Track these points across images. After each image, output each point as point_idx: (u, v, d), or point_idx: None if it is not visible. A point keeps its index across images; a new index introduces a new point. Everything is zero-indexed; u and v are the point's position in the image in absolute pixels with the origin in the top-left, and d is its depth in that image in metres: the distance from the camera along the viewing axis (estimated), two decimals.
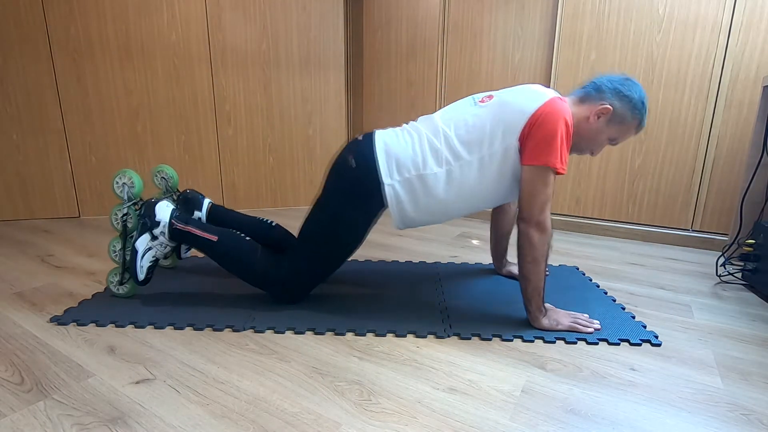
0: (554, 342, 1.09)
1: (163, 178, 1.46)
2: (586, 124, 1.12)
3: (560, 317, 1.15)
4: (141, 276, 1.22)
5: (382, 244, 1.89)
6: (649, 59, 1.89)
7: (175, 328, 1.12)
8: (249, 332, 1.11)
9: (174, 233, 1.23)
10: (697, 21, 1.78)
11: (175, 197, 1.46)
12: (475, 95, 1.19)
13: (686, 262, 1.73)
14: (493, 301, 1.31)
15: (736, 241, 1.57)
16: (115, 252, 1.28)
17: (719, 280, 1.55)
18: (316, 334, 1.11)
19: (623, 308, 1.28)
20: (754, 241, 1.45)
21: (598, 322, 1.16)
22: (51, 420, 0.79)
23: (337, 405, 0.85)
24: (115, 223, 1.27)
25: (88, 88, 2.10)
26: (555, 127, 1.03)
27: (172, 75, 2.20)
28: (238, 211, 1.62)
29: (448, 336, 1.11)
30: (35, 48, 1.99)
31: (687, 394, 0.90)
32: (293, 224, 1.90)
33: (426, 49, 2.44)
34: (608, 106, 1.09)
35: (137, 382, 0.90)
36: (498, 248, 1.51)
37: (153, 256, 1.24)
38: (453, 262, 1.67)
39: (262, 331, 1.11)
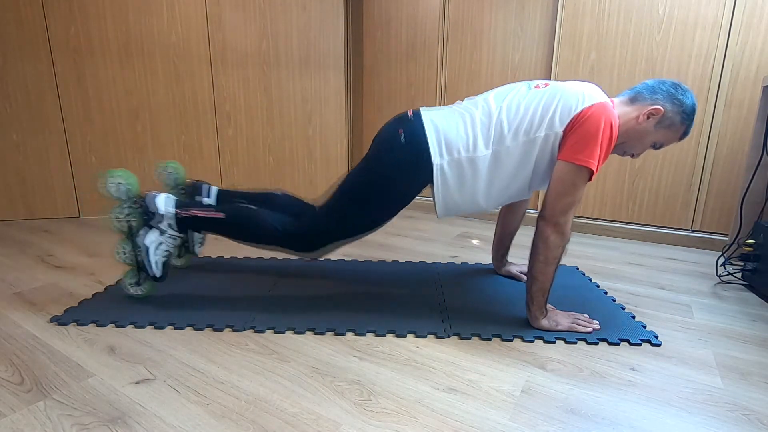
0: (554, 342, 1.09)
1: (169, 173, 1.45)
2: (635, 123, 1.10)
3: (560, 318, 1.15)
4: (158, 273, 1.23)
5: (382, 244, 1.89)
6: (649, 59, 1.89)
7: (175, 328, 1.12)
8: (249, 332, 1.11)
9: (180, 222, 1.22)
10: (697, 21, 1.78)
11: (182, 190, 1.45)
12: (530, 81, 1.18)
13: (686, 262, 1.73)
14: (493, 301, 1.31)
15: (736, 241, 1.57)
16: (125, 254, 1.25)
17: (719, 280, 1.55)
18: (316, 334, 1.11)
19: (623, 308, 1.28)
20: (754, 241, 1.45)
21: (597, 322, 1.16)
22: (51, 420, 0.79)
23: (337, 405, 0.85)
24: (117, 225, 1.23)
25: (88, 88, 2.09)
26: (598, 128, 1.02)
27: (172, 75, 2.20)
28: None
29: (448, 336, 1.11)
30: (35, 48, 1.99)
31: (687, 394, 0.90)
32: None
33: (426, 49, 2.44)
34: (659, 107, 1.07)
35: (137, 382, 0.90)
36: (500, 247, 1.51)
37: (165, 251, 1.24)
38: (453, 262, 1.67)
39: (262, 332, 1.11)
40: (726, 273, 1.60)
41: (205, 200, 1.40)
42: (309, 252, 1.23)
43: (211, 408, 0.83)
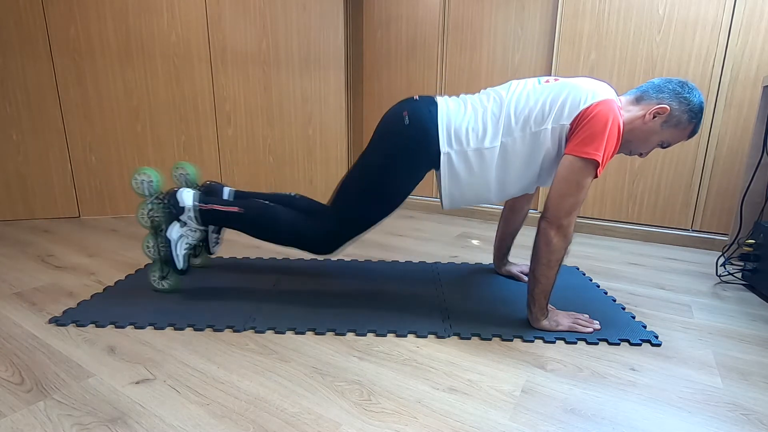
0: (554, 342, 1.09)
1: (182, 174, 1.48)
2: (641, 123, 1.10)
3: (560, 318, 1.15)
4: (180, 265, 1.26)
5: (382, 244, 1.89)
6: (649, 59, 1.89)
7: (175, 329, 1.12)
8: (249, 332, 1.11)
9: (201, 214, 1.25)
10: (697, 21, 1.78)
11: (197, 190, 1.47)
12: (540, 77, 1.19)
13: (686, 262, 1.73)
14: (493, 301, 1.31)
15: (736, 241, 1.57)
16: (149, 248, 1.31)
17: (719, 280, 1.55)
18: (316, 334, 1.11)
19: (623, 308, 1.28)
20: (754, 241, 1.45)
21: (597, 322, 1.16)
22: (51, 420, 0.79)
23: (337, 405, 0.85)
24: (142, 221, 1.29)
25: (88, 88, 2.09)
26: (605, 124, 1.02)
27: (172, 75, 2.20)
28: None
29: (449, 336, 1.11)
30: (35, 48, 1.99)
31: (687, 394, 0.90)
32: None
33: (426, 49, 2.44)
34: (666, 107, 1.07)
35: (137, 382, 0.90)
36: (501, 247, 1.51)
37: (187, 243, 1.27)
38: (453, 262, 1.67)
39: (262, 332, 1.11)
40: (726, 273, 1.60)
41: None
42: (326, 253, 1.24)
43: (211, 408, 0.83)
